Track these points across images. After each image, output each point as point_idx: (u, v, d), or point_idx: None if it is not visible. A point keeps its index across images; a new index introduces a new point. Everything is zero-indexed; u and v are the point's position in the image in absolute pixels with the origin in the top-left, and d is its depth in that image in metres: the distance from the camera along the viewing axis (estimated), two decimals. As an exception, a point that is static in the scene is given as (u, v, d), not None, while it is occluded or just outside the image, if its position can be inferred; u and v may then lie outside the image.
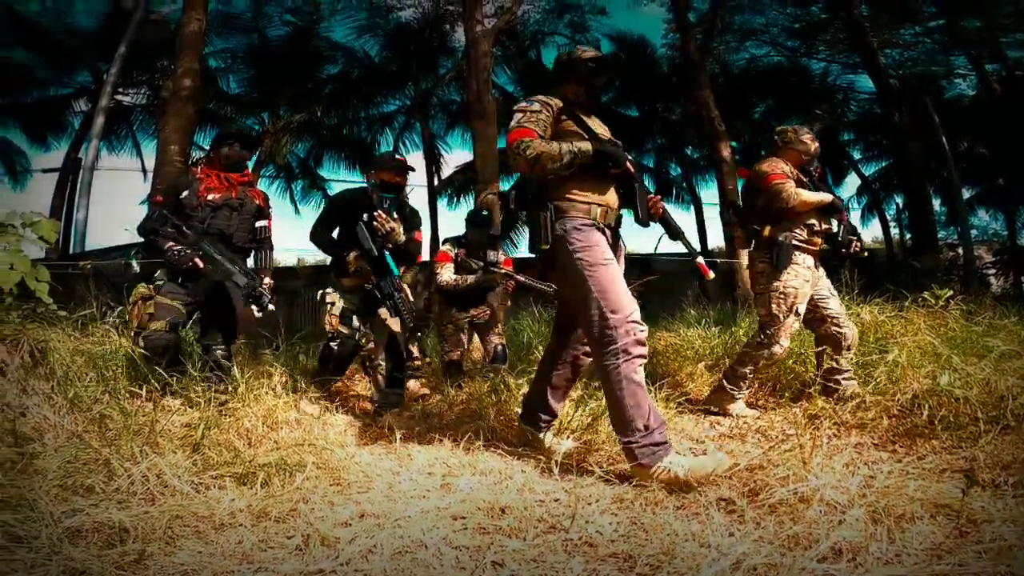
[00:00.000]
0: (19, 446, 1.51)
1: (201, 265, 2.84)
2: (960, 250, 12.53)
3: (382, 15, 13.35)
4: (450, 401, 3.30)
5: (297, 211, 15.70)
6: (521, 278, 3.87)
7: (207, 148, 13.21)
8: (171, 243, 2.85)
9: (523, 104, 2.24)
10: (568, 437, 2.42)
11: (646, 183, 3.12)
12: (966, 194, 15.24)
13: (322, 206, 3.34)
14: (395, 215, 3.16)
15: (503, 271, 4.04)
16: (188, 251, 2.84)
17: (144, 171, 14.28)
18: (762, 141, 14.62)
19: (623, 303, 2.04)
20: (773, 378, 3.31)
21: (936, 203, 14.21)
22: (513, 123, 2.19)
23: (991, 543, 1.32)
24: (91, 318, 2.72)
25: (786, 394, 3.17)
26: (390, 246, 3.13)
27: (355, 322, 3.24)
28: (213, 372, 2.74)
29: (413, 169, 3.34)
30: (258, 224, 3.15)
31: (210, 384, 2.42)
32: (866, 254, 3.28)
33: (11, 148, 13.71)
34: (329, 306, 3.21)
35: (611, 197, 2.25)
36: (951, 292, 3.51)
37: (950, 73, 13.88)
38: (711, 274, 2.31)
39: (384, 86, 14.04)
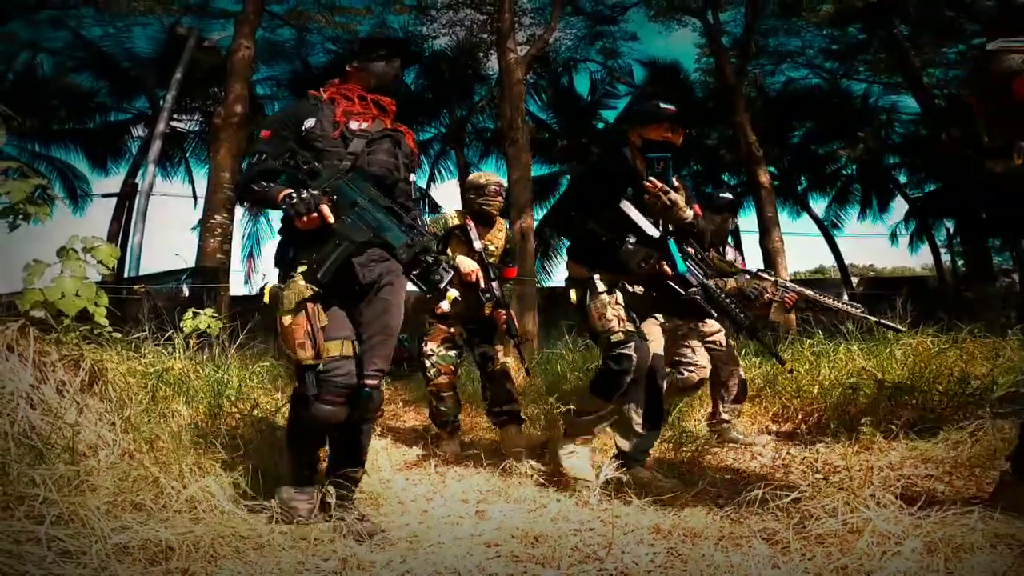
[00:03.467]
0: (74, 463, 1.58)
1: (331, 218, 1.67)
2: (1015, 276, 11.97)
3: (417, 44, 13.78)
4: (486, 427, 3.29)
5: (337, 239, 16.02)
6: (809, 292, 2.87)
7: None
8: (287, 190, 1.73)
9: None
10: (611, 464, 2.38)
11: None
12: (1020, 217, 14.60)
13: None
14: (674, 182, 2.20)
15: (778, 280, 2.93)
16: (314, 195, 1.67)
17: (195, 197, 14.90)
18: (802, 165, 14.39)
19: None
20: (819, 409, 3.19)
21: (988, 227, 13.64)
22: None
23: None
24: (143, 340, 2.81)
25: (832, 424, 3.05)
26: (671, 229, 2.24)
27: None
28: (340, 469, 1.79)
29: (678, 116, 2.33)
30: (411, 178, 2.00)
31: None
32: None
33: (73, 173, 14.43)
34: (604, 295, 2.20)
35: None
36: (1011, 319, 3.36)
37: (998, 92, 13.43)
38: None
39: (420, 114, 14.39)
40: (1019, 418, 2.42)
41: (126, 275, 7.57)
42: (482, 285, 2.95)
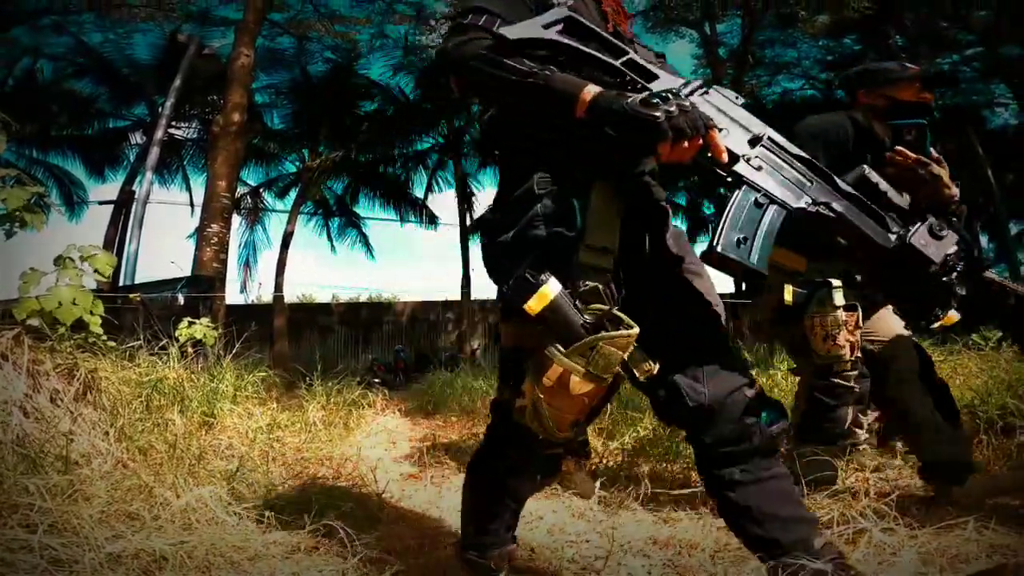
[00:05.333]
0: (68, 472, 1.57)
1: (724, 154, 1.04)
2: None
3: (416, 54, 13.88)
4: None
5: (333, 248, 16.04)
6: (997, 278, 2.33)
7: (252, 184, 13.53)
8: (602, 90, 1.00)
9: None
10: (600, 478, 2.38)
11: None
12: (1014, 229, 14.70)
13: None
14: (932, 152, 1.66)
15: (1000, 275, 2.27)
16: (696, 107, 1.01)
17: (192, 205, 14.92)
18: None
19: None
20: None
21: (983, 239, 13.74)
22: None
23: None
24: (138, 349, 2.79)
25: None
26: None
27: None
28: None
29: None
30: None
31: None
32: None
33: (69, 179, 14.43)
34: (841, 312, 1.74)
35: None
36: (1000, 333, 3.37)
37: (991, 102, 13.59)
38: None
39: (418, 123, 14.46)
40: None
41: (122, 283, 7.56)
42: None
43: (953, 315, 1.18)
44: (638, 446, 2.81)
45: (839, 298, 1.76)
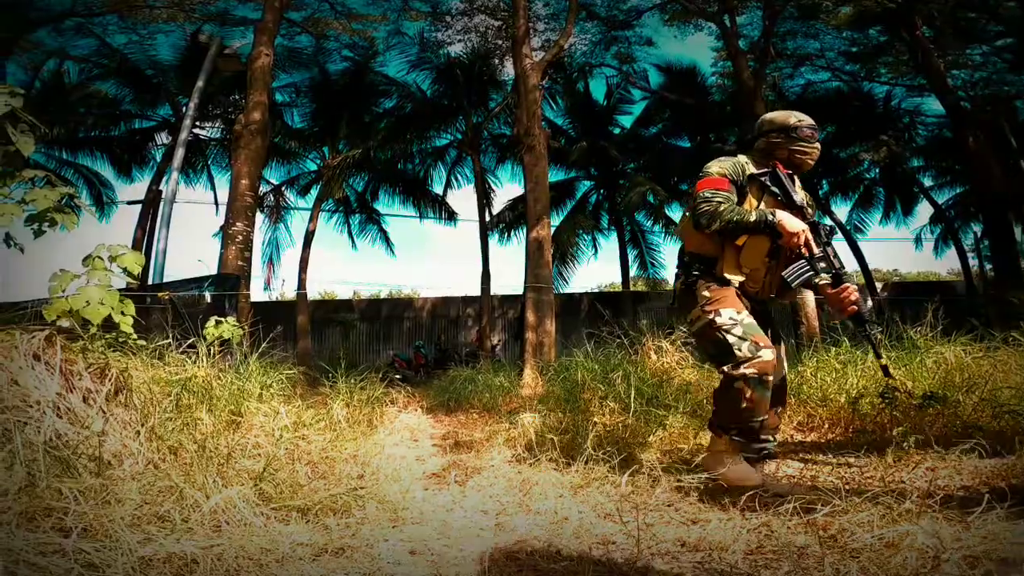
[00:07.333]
0: (101, 474, 1.58)
1: None
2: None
3: (433, 50, 13.90)
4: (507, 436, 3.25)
5: (354, 245, 16.13)
6: None
7: (274, 182, 13.65)
8: None
9: None
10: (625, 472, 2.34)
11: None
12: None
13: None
14: None
15: None
16: None
17: (216, 204, 15.13)
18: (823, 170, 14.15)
19: None
20: (847, 419, 3.11)
21: (1017, 231, 13.30)
22: None
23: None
24: (168, 347, 2.81)
25: (865, 434, 2.96)
26: None
27: None
28: None
29: None
30: None
31: None
32: None
33: (99, 180, 14.73)
34: None
35: None
36: None
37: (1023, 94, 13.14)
38: None
39: (436, 120, 14.45)
40: None
41: (150, 282, 7.67)
42: (815, 251, 2.13)
43: None
44: (665, 444, 2.77)
45: None
